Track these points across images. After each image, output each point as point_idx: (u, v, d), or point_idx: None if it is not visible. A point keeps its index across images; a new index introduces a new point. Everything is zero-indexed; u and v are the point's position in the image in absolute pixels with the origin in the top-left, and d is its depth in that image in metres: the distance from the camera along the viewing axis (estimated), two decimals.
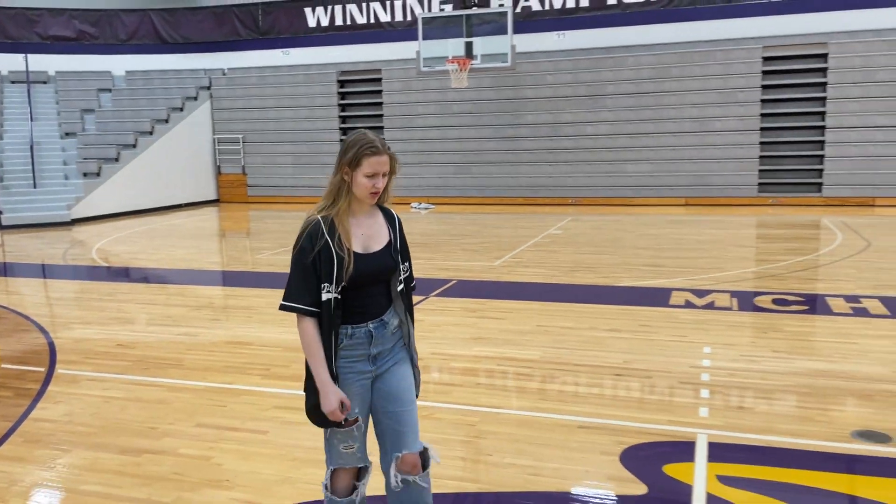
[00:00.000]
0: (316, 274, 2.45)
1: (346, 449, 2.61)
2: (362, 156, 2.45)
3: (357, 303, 2.52)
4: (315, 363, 2.49)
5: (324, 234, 2.45)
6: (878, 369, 5.18)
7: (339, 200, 2.50)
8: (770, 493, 3.43)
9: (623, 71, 17.07)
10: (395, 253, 2.59)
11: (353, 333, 2.53)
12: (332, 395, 2.47)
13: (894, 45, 15.26)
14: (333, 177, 2.52)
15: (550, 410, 4.54)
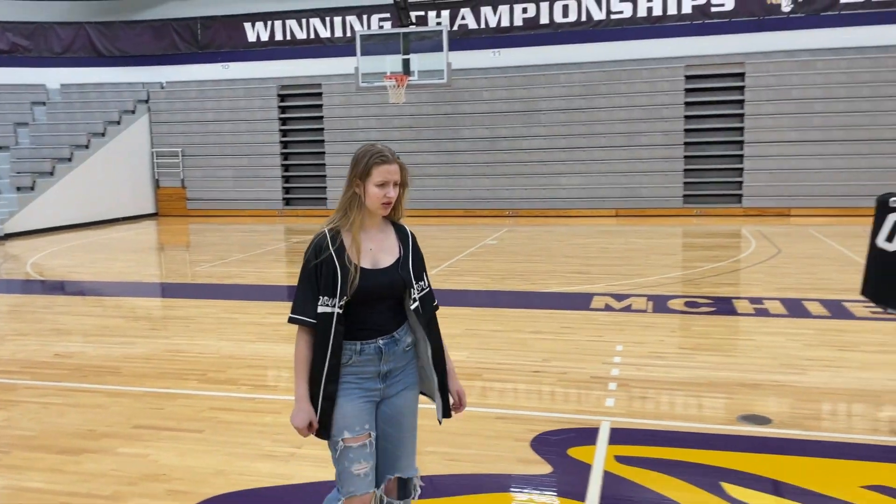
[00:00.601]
0: (316, 287, 2.43)
1: (358, 470, 2.50)
2: (372, 165, 2.43)
3: (365, 318, 2.48)
4: (297, 376, 2.48)
5: (328, 247, 2.43)
6: (768, 362, 5.72)
7: (351, 214, 2.47)
8: (660, 470, 3.85)
9: (555, 88, 17.76)
10: (403, 269, 2.53)
11: (362, 349, 2.49)
12: (303, 413, 2.47)
13: (805, 65, 16.34)
14: (345, 191, 2.49)
15: (472, 405, 4.90)
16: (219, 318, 7.71)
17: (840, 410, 4.65)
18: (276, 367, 5.89)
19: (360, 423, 2.50)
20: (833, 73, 16.12)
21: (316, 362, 2.46)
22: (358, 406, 2.50)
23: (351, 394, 2.50)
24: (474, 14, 18.31)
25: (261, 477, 3.87)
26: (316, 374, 2.47)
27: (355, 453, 2.49)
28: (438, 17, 18.42)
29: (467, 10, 18.37)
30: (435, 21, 18.28)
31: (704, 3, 16.95)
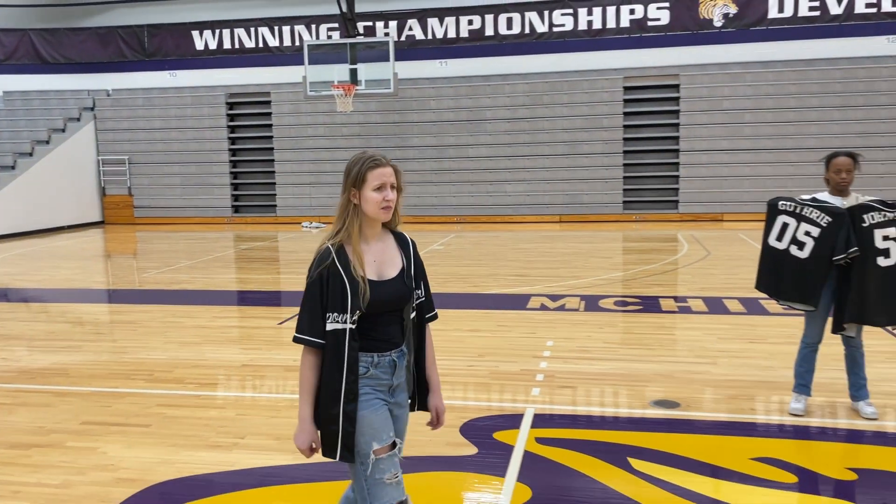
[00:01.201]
0: (322, 305, 2.37)
1: (391, 479, 2.44)
2: (366, 171, 2.39)
3: (378, 331, 2.44)
4: (302, 397, 2.44)
5: (334, 261, 2.37)
6: (683, 354, 6.20)
7: (350, 225, 2.41)
8: (575, 449, 4.24)
9: (500, 98, 18.27)
10: (409, 280, 2.50)
11: (378, 362, 2.45)
12: (305, 435, 2.44)
13: (736, 77, 17.18)
14: (341, 202, 2.44)
15: None
16: (165, 322, 7.88)
17: (740, 395, 5.12)
18: (221, 367, 6.12)
19: (386, 432, 2.46)
20: (761, 84, 16.99)
21: (332, 381, 2.39)
22: (383, 414, 2.46)
23: (373, 403, 2.45)
24: (421, 25, 18.72)
25: (205, 465, 4.13)
26: (333, 393, 2.39)
27: (385, 463, 2.44)
28: (386, 27, 18.79)
29: (414, 20, 18.76)
30: (383, 32, 18.65)
31: (641, 18, 17.69)
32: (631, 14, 17.70)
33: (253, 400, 5.28)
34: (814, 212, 4.52)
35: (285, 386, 5.55)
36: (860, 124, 16.51)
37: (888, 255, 4.42)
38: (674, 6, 17.50)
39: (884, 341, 6.32)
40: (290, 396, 5.30)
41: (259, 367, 6.06)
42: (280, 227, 18.93)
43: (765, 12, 17.10)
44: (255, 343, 7.03)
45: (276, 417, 4.86)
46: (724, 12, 17.27)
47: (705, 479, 3.79)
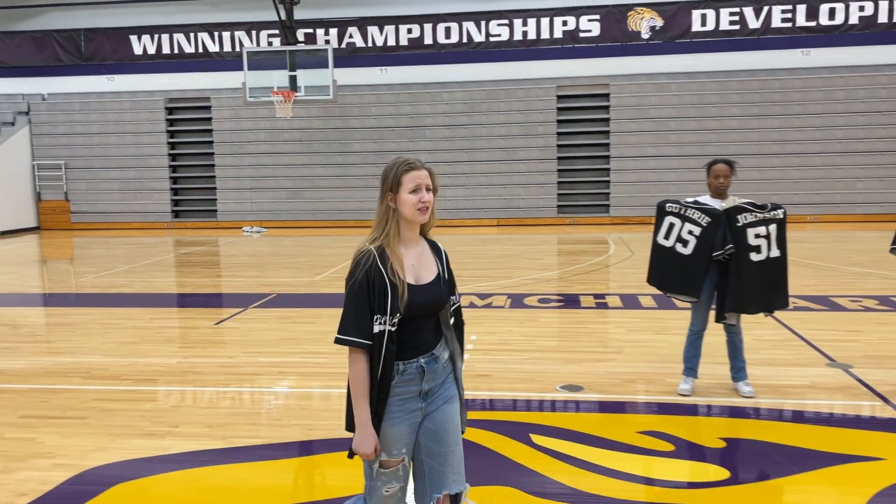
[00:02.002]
0: (370, 306, 2.39)
1: (387, 490, 2.50)
2: (401, 174, 2.45)
3: (408, 336, 2.45)
4: (359, 401, 2.42)
5: (377, 264, 2.39)
6: (594, 344, 6.73)
7: (389, 229, 2.46)
8: (483, 427, 4.68)
9: (439, 105, 18.76)
10: (444, 285, 2.54)
11: (404, 370, 2.46)
12: (369, 438, 2.42)
13: (662, 87, 18.05)
14: (380, 208, 2.49)
15: (332, 387, 5.62)
16: (103, 324, 8.05)
17: (638, 379, 5.65)
18: (157, 364, 6.37)
19: (397, 448, 2.48)
20: (685, 94, 17.90)
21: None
22: (398, 430, 2.48)
23: (392, 417, 2.47)
24: (361, 33, 19.07)
25: (139, 451, 4.42)
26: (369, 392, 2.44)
27: (388, 475, 2.49)
28: (327, 34, 19.08)
29: (355, 28, 19.11)
30: (323, 39, 18.94)
31: (574, 29, 18.42)
32: (564, 25, 18.41)
33: (186, 393, 5.57)
34: (695, 213, 5.06)
35: (218, 380, 5.86)
36: (777, 132, 17.54)
37: (759, 251, 4.99)
38: (604, 18, 18.28)
39: (772, 332, 6.98)
40: (223, 389, 5.62)
41: (194, 364, 6.34)
42: (221, 231, 18.99)
43: (689, 26, 18.02)
44: (191, 342, 7.28)
45: (209, 408, 5.18)
46: (651, 25, 18.13)
47: (595, 450, 4.28)
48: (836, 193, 17.56)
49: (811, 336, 6.77)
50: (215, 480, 3.99)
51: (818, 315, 7.71)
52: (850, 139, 17.30)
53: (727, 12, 17.84)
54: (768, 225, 5.01)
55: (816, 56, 17.61)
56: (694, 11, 17.97)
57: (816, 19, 17.62)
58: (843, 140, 17.35)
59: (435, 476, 2.53)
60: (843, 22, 17.51)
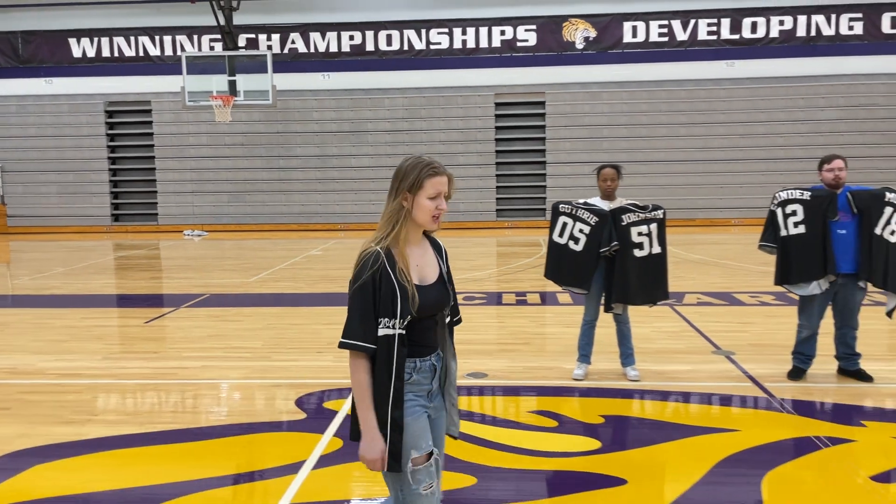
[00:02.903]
0: (375, 309, 2.31)
1: (426, 490, 2.39)
2: (425, 178, 2.34)
3: (418, 337, 2.39)
4: (364, 406, 2.33)
5: (385, 266, 2.31)
6: (505, 336, 7.18)
7: (399, 229, 2.36)
8: None
9: (381, 111, 19.13)
10: (448, 284, 2.50)
11: (420, 367, 2.41)
12: (378, 443, 2.32)
13: (595, 95, 18.75)
14: (390, 204, 2.38)
15: (261, 377, 5.93)
16: (34, 324, 8.18)
17: (540, 367, 6.10)
18: (84, 360, 6.57)
19: (425, 440, 2.41)
20: (616, 103, 18.64)
21: (380, 387, 2.33)
22: (423, 422, 2.42)
23: (414, 410, 2.40)
24: (304, 39, 19.32)
25: (60, 436, 4.67)
26: (380, 399, 2.34)
27: (423, 473, 2.39)
28: (269, 40, 19.27)
29: (297, 34, 19.34)
30: (265, 44, 19.12)
31: (511, 38, 19.00)
32: (501, 35, 18.99)
33: (109, 385, 5.81)
34: (585, 213, 5.54)
35: (141, 373, 6.11)
36: (702, 139, 18.40)
37: (642, 247, 5.50)
38: (540, 29, 18.92)
39: (671, 324, 7.54)
40: (145, 381, 5.87)
41: (119, 359, 6.57)
42: (162, 235, 18.98)
43: (620, 37, 18.78)
44: (119, 339, 7.49)
45: (130, 399, 5.44)
46: (584, 36, 18.83)
47: (490, 428, 4.69)
48: (758, 198, 18.42)
49: (705, 327, 7.34)
50: (128, 459, 4.28)
51: (716, 309, 8.31)
52: (771, 146, 18.25)
53: (657, 25, 18.65)
54: (650, 224, 5.52)
55: (740, 67, 18.54)
56: (625, 23, 18.74)
57: (740, 33, 18.55)
58: (764, 147, 18.29)
59: None
60: (765, 35, 18.48)
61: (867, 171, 17.99)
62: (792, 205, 5.41)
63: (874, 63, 18.11)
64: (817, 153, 18.14)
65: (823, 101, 18.18)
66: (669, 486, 3.82)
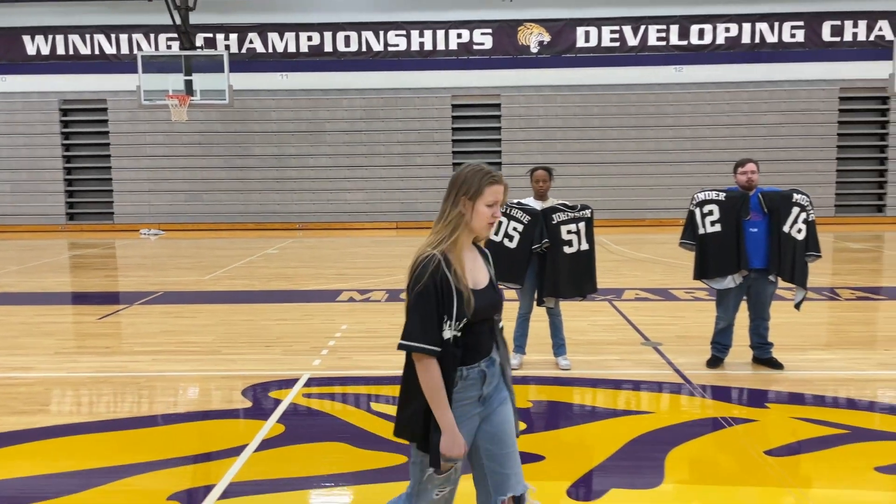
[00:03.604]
0: (438, 312, 2.35)
1: (438, 493, 2.49)
2: (485, 185, 2.41)
3: (470, 341, 2.42)
4: (442, 406, 2.36)
5: (444, 270, 2.35)
6: None
7: (457, 234, 2.41)
8: (330, 398, 5.34)
9: (339, 111, 19.33)
10: (497, 288, 2.57)
11: (467, 375, 2.44)
12: (459, 440, 2.39)
13: (549, 98, 19.21)
14: (450, 210, 2.43)
15: (210, 370, 6.15)
16: None
17: None
18: (36, 356, 6.71)
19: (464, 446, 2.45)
20: (570, 106, 19.13)
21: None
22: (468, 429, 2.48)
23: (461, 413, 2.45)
24: (262, 39, 19.42)
25: (12, 425, 4.85)
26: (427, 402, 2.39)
27: (441, 480, 2.47)
28: (227, 39, 19.33)
29: (255, 34, 19.43)
30: (223, 44, 19.18)
31: (468, 41, 19.37)
32: (458, 38, 19.34)
33: (61, 378, 5.98)
34: (518, 212, 5.89)
35: (92, 367, 6.28)
36: (652, 142, 18.99)
37: (571, 244, 5.86)
38: (496, 32, 19.31)
39: (608, 318, 7.94)
40: (96, 374, 6.06)
41: (72, 354, 6.72)
42: (118, 234, 18.91)
43: (574, 41, 19.27)
44: (72, 335, 7.62)
45: (81, 390, 5.62)
46: (539, 40, 19.28)
47: None
48: None
49: (638, 321, 7.76)
50: (77, 446, 4.49)
51: (652, 304, 8.75)
52: (716, 149, 18.92)
53: (608, 30, 19.18)
54: (578, 223, 5.88)
55: (688, 72, 19.18)
56: (578, 28, 19.24)
57: (688, 39, 19.19)
58: (709, 150, 18.95)
59: (498, 479, 2.52)
60: (712, 42, 19.15)
61: (806, 173, 18.79)
62: (709, 205, 5.83)
63: (814, 70, 18.90)
64: (760, 155, 18.86)
65: (766, 106, 18.90)
66: (582, 461, 4.17)
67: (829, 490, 3.81)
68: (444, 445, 2.37)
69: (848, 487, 3.85)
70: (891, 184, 19.02)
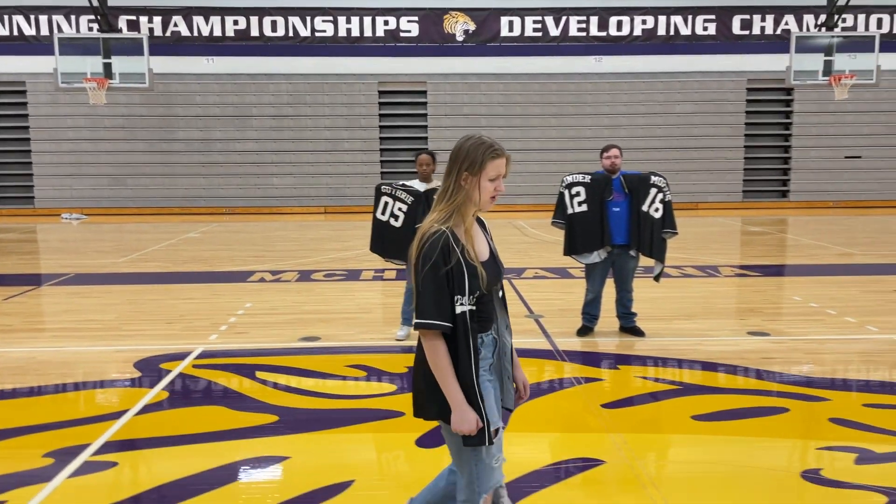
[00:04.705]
0: (449, 288, 2.34)
1: (496, 463, 2.48)
2: (487, 159, 2.36)
3: (481, 310, 2.44)
4: (450, 382, 2.36)
5: (453, 246, 2.34)
6: (347, 305, 7.87)
7: (464, 210, 2.41)
8: (218, 368, 5.65)
9: (265, 96, 19.38)
10: (499, 260, 2.56)
11: (484, 341, 2.47)
12: (470, 415, 2.35)
13: (473, 86, 19.66)
14: (452, 186, 2.40)
15: (107, 345, 6.38)
16: None
17: (369, 330, 6.83)
18: None
19: (498, 412, 2.48)
20: (494, 94, 19.62)
21: (462, 364, 2.37)
22: (495, 398, 2.48)
23: (485, 385, 2.45)
24: (187, 22, 19.28)
25: None
26: (466, 375, 2.38)
27: (496, 447, 2.47)
28: (151, 22, 19.14)
29: (179, 17, 19.28)
30: (147, 27, 18.98)
31: (395, 29, 19.63)
32: (385, 25, 19.58)
33: None
34: (403, 193, 6.29)
35: None
36: (572, 129, 19.65)
37: None
38: (422, 20, 19.63)
39: None
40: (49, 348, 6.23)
41: None
42: (39, 219, 18.61)
43: (498, 31, 19.74)
44: None
45: None
46: (464, 28, 19.68)
47: (305, 379, 5.36)
48: None
49: (529, 297, 8.27)
50: None
51: (547, 282, 9.29)
52: (633, 137, 19.69)
53: (531, 20, 19.71)
54: None
55: (607, 63, 19.87)
56: (503, 18, 19.70)
57: (607, 30, 19.88)
58: (627, 138, 19.67)
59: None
60: (629, 33, 19.88)
61: (716, 160, 19.76)
62: (576, 187, 6.33)
63: (725, 61, 19.83)
64: (673, 143, 19.74)
65: (679, 96, 19.76)
66: None
67: (647, 434, 4.33)
68: (454, 422, 2.36)
69: (664, 433, 4.39)
70: (794, 171, 20.15)
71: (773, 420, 4.49)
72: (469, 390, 2.36)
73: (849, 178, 20.11)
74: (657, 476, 3.73)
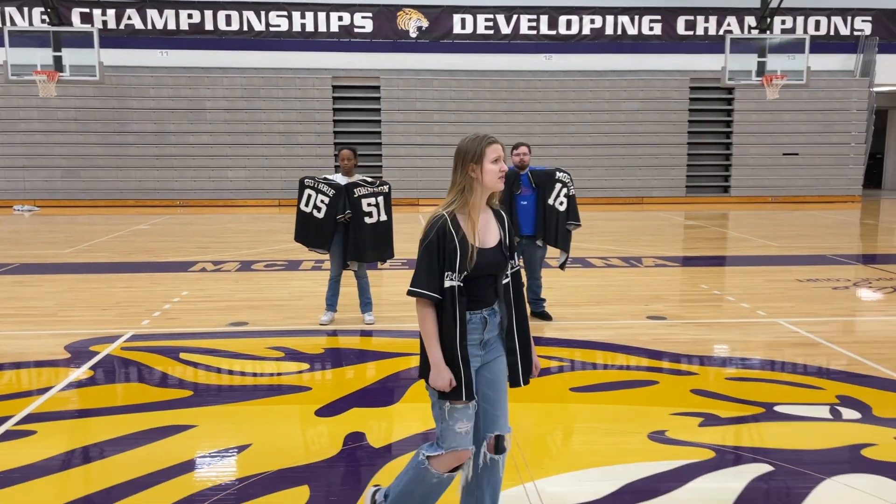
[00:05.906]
0: (439, 264, 2.69)
1: (461, 429, 2.77)
2: (485, 147, 2.73)
3: (473, 291, 2.75)
4: (432, 344, 2.71)
5: (449, 228, 2.70)
6: (284, 294, 8.24)
7: (469, 197, 2.74)
8: (145, 350, 6.00)
9: (219, 89, 19.55)
10: (505, 251, 2.85)
11: (470, 319, 2.77)
12: (444, 374, 2.70)
13: (426, 82, 20.05)
14: (458, 179, 2.77)
15: (42, 329, 6.68)
16: None
17: (299, 316, 7.21)
18: None
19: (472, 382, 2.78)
20: (446, 90, 20.03)
21: (447, 331, 2.71)
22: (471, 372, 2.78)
23: (467, 353, 2.77)
24: (140, 15, 19.36)
25: None
26: (449, 342, 2.71)
27: (460, 413, 2.76)
28: (104, 15, 19.18)
29: (133, 10, 19.35)
30: (101, 19, 19.02)
31: (349, 24, 19.93)
32: (339, 20, 19.87)
33: None
34: (325, 186, 6.68)
35: None
36: (523, 126, 20.13)
37: (372, 216, 6.70)
38: (376, 16, 19.96)
39: None
40: None
41: None
42: None
43: (451, 28, 20.15)
44: None
45: None
46: (418, 25, 20.06)
47: (225, 360, 5.74)
48: None
49: None
50: None
51: None
52: (580, 133, 20.29)
53: (483, 18, 20.16)
54: (377, 196, 6.73)
55: (556, 61, 20.41)
56: (455, 15, 20.12)
57: (557, 29, 20.41)
58: (574, 134, 20.30)
59: (489, 418, 2.87)
60: (578, 32, 20.43)
61: (661, 156, 20.44)
62: None
63: (670, 61, 20.50)
64: (619, 140, 20.37)
65: (625, 94, 20.38)
66: (340, 389, 5.04)
67: (530, 403, 4.80)
68: (431, 378, 2.72)
69: (542, 402, 4.86)
70: (735, 167, 20.92)
71: (641, 391, 5.00)
72: (450, 353, 2.70)
73: (787, 175, 20.95)
74: (523, 440, 4.19)
